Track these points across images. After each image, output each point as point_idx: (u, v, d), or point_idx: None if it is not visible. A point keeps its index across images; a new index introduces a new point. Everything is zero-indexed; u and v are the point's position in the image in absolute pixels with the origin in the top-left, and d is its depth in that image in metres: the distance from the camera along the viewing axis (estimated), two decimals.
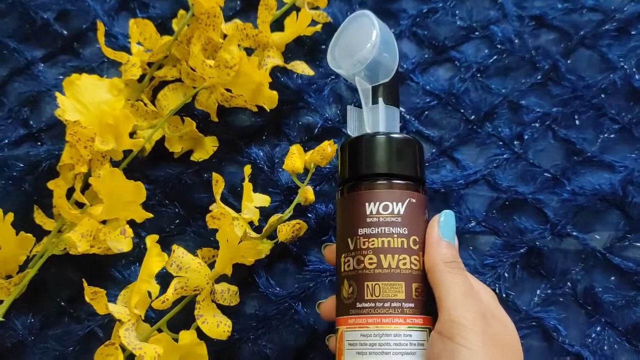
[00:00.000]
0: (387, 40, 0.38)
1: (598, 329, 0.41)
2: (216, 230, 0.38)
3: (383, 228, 0.34)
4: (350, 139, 0.37)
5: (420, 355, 0.32)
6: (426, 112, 0.47)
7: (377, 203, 0.34)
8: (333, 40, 0.41)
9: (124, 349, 0.36)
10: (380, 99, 0.38)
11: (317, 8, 0.47)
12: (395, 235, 0.33)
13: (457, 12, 0.49)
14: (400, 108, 0.43)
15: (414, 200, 0.34)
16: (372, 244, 0.33)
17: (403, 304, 0.32)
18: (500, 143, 0.46)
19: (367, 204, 0.34)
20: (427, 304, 0.33)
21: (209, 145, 0.46)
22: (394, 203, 0.34)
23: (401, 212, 0.34)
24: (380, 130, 0.37)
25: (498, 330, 0.31)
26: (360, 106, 0.39)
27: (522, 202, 0.44)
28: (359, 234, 0.34)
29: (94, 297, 0.37)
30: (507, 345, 0.32)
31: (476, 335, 0.29)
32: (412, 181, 0.35)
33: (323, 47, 0.49)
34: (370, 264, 0.33)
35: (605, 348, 0.41)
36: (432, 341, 0.31)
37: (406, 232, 0.34)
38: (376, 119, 0.38)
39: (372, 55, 0.37)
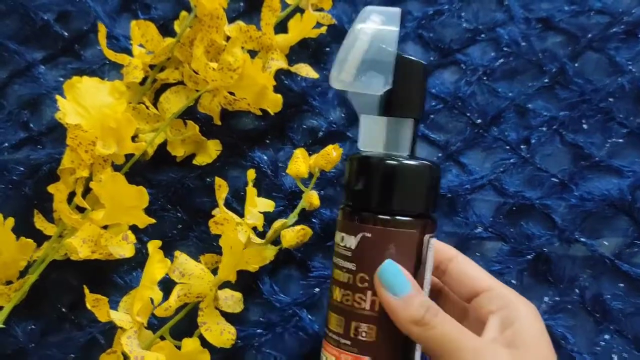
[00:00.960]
0: (385, 31, 0.33)
1: (606, 336, 0.41)
2: (219, 235, 0.38)
3: (338, 259, 0.33)
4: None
5: None
6: (432, 116, 0.46)
7: (339, 233, 0.33)
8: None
9: (125, 356, 0.35)
10: (363, 115, 0.34)
11: (321, 10, 0.46)
12: (344, 270, 0.32)
13: (463, 14, 0.48)
14: None
15: (369, 235, 0.31)
16: (337, 276, 0.33)
17: (340, 338, 0.32)
18: (507, 147, 0.45)
19: (337, 232, 0.33)
20: (370, 346, 0.31)
21: (212, 149, 0.45)
22: (347, 236, 0.32)
23: (352, 247, 0.32)
24: (375, 149, 0.34)
25: (526, 356, 0.30)
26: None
27: (529, 207, 0.43)
28: (334, 261, 0.34)
29: (96, 304, 0.36)
30: None
31: None
32: (377, 213, 0.32)
33: (327, 49, 0.48)
34: (334, 295, 0.33)
35: (614, 357, 0.40)
36: None
37: (354, 269, 0.32)
38: (371, 136, 0.34)
39: (360, 55, 0.33)
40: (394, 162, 0.32)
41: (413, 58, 0.33)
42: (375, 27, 0.33)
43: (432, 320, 0.30)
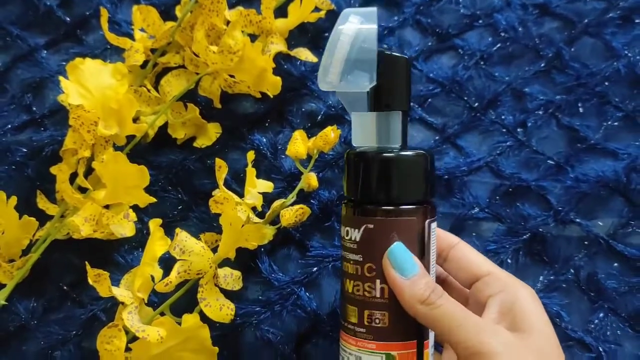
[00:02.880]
0: (366, 30, 0.34)
1: (601, 315, 0.41)
2: (219, 216, 0.38)
3: (346, 253, 0.34)
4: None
5: None
6: (429, 100, 0.47)
7: (344, 227, 0.34)
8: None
9: (126, 331, 0.36)
10: (354, 113, 0.35)
11: None
12: (352, 262, 0.33)
13: (460, 0, 0.49)
14: None
15: (371, 226, 0.32)
16: (344, 267, 0.34)
17: (356, 327, 0.33)
18: (504, 130, 0.46)
19: (342, 227, 0.34)
20: (384, 331, 0.32)
21: (212, 132, 0.46)
22: (352, 229, 0.33)
23: (357, 239, 0.33)
24: (369, 144, 0.34)
25: (533, 338, 0.30)
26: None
27: (525, 189, 0.44)
28: (341, 254, 0.35)
29: (97, 279, 0.37)
30: (545, 353, 0.30)
31: (506, 356, 0.28)
32: (377, 204, 0.33)
33: (326, 34, 0.49)
34: (343, 286, 0.34)
35: (608, 334, 0.41)
36: None
37: (360, 260, 0.33)
38: (362, 131, 0.35)
39: (344, 53, 0.33)
40: (389, 155, 0.33)
41: (395, 53, 0.34)
42: (355, 27, 0.34)
43: (437, 300, 0.31)
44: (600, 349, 0.40)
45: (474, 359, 0.29)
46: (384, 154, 0.33)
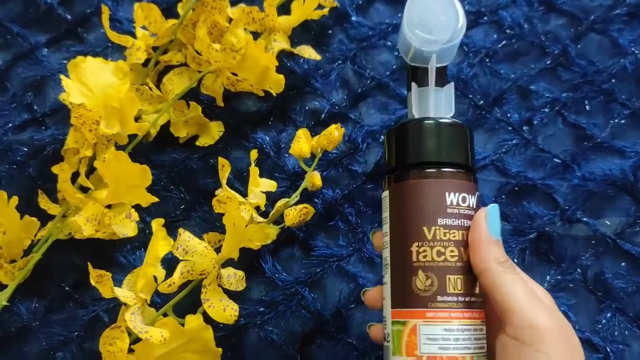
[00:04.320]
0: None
1: (608, 315, 0.41)
2: (222, 216, 0.38)
3: (463, 220, 0.32)
4: (426, 119, 0.34)
5: (485, 349, 0.32)
6: None
7: (457, 194, 0.32)
8: (408, 6, 0.36)
9: (129, 332, 0.36)
10: (451, 83, 0.36)
11: None
12: (465, 228, 0.32)
13: None
14: None
15: (479, 194, 0.34)
16: (454, 236, 0.32)
17: (478, 298, 0.32)
18: (510, 128, 0.45)
19: (447, 194, 0.32)
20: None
21: (215, 130, 0.46)
22: (469, 195, 0.33)
23: (473, 206, 0.33)
24: (450, 114, 0.35)
25: (567, 330, 0.30)
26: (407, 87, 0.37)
27: (531, 187, 0.43)
28: (439, 224, 0.32)
29: (100, 280, 0.36)
30: (575, 345, 0.30)
31: (555, 341, 0.28)
32: (475, 175, 0.34)
33: (330, 31, 0.48)
34: (452, 256, 0.32)
35: (616, 334, 0.40)
36: (505, 347, 0.29)
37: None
38: (444, 103, 0.35)
39: (458, 39, 0.35)
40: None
41: None
42: None
43: (514, 267, 0.31)
44: (608, 349, 0.40)
45: (527, 331, 0.29)
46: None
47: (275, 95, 0.42)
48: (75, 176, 0.41)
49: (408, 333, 0.31)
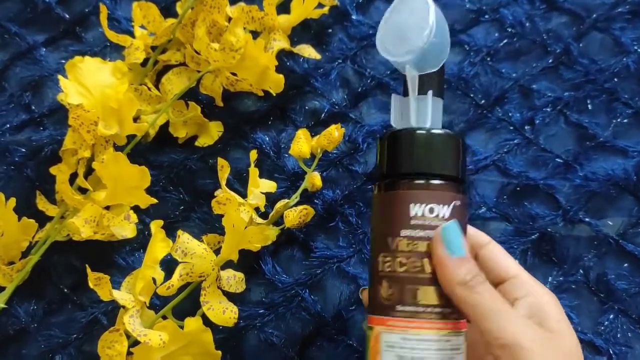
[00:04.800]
0: (440, 25, 0.35)
1: (611, 316, 0.40)
2: (221, 217, 0.37)
3: (430, 232, 0.32)
4: (395, 131, 0.34)
5: None
6: None
7: (423, 205, 0.32)
8: (382, 22, 0.37)
9: (128, 335, 0.35)
10: (430, 91, 0.35)
11: None
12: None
13: None
14: None
15: (459, 203, 0.32)
16: (416, 247, 0.32)
17: (444, 309, 0.31)
18: (511, 128, 0.45)
19: (411, 205, 0.32)
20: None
21: (214, 131, 0.45)
22: (440, 206, 0.32)
23: (446, 216, 0.32)
24: (427, 124, 0.35)
25: (557, 338, 0.30)
26: (402, 95, 0.36)
27: (533, 187, 0.43)
28: (402, 235, 0.32)
29: (98, 282, 0.36)
30: (568, 352, 0.30)
31: (537, 355, 0.28)
32: (458, 182, 0.33)
33: (330, 30, 0.48)
34: (414, 268, 0.32)
35: (619, 336, 0.40)
36: None
37: None
38: (424, 112, 0.35)
39: (427, 44, 0.34)
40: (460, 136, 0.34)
41: None
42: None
43: (478, 286, 0.30)
44: (611, 351, 0.39)
45: (503, 350, 0.28)
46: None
47: (274, 95, 0.42)
48: (73, 177, 0.41)
49: (373, 339, 0.32)
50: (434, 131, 0.33)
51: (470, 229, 0.35)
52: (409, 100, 0.35)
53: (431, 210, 0.32)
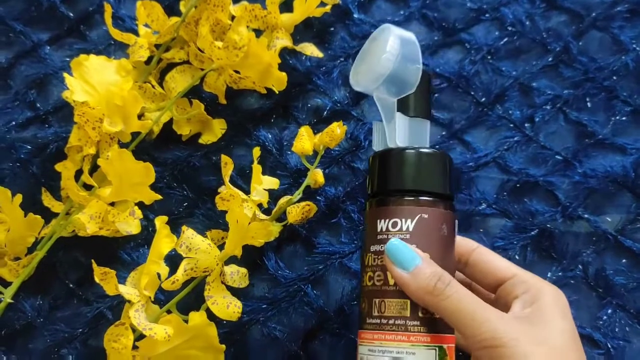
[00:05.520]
0: (409, 50, 0.37)
1: (609, 311, 0.41)
2: (225, 213, 0.38)
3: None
4: (372, 154, 0.37)
5: None
6: (436, 95, 0.46)
7: (387, 220, 0.33)
8: (357, 58, 0.40)
9: (133, 329, 0.36)
10: (399, 114, 0.37)
11: None
12: None
13: None
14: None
15: (426, 216, 0.33)
16: (381, 261, 0.33)
17: (407, 321, 0.32)
18: (511, 125, 0.45)
19: (378, 221, 0.34)
20: (438, 322, 0.32)
21: (217, 128, 0.46)
22: (403, 220, 0.33)
23: (410, 229, 0.33)
24: (403, 144, 0.37)
25: (541, 329, 0.30)
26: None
27: (533, 184, 0.44)
28: (371, 250, 0.34)
29: (104, 277, 0.37)
30: (558, 345, 0.29)
31: (520, 353, 0.28)
32: (430, 196, 0.34)
33: (332, 29, 0.48)
34: (378, 280, 0.33)
35: (617, 330, 0.40)
36: None
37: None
38: (400, 134, 0.37)
39: (388, 70, 0.36)
40: (438, 152, 0.36)
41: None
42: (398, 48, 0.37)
43: (445, 289, 0.30)
44: (609, 346, 0.40)
45: (486, 352, 0.28)
46: (427, 151, 0.35)
47: (277, 92, 0.43)
48: (78, 174, 0.41)
49: (357, 350, 0.34)
50: (392, 150, 0.36)
51: (457, 237, 0.35)
52: (384, 126, 0.38)
53: (394, 225, 0.33)
